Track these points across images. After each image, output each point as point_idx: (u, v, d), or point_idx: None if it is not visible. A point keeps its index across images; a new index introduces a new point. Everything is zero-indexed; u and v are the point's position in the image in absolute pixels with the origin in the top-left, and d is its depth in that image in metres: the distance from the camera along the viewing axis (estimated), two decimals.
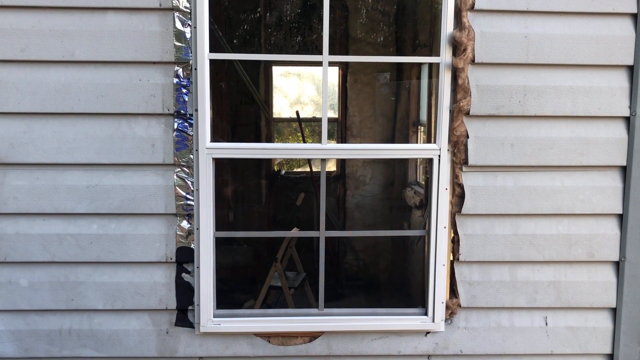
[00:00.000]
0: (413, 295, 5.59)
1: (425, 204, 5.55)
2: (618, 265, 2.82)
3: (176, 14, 2.60)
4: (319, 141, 2.65)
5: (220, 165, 3.94)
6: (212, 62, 2.64)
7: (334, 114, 8.59)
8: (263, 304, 4.86)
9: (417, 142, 6.54)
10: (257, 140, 7.30)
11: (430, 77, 5.77)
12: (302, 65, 7.78)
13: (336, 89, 8.36)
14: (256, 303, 4.78)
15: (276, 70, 7.58)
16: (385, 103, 7.25)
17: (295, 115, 7.43)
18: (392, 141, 7.16)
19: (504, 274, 2.81)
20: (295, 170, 7.51)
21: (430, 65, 5.68)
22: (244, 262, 6.29)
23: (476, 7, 2.62)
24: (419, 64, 6.39)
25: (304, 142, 7.18)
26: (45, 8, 2.58)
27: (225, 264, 5.97)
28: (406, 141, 6.82)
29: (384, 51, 7.12)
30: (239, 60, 6.09)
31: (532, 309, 2.84)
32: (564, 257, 2.80)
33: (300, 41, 7.22)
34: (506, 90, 2.68)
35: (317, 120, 8.86)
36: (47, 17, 2.59)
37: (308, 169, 6.82)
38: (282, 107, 8.92)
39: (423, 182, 6.11)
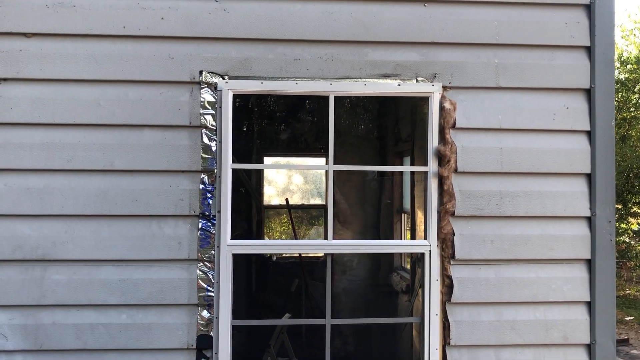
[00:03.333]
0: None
1: (411, 289, 5.89)
2: (590, 348, 3.18)
3: (204, 130, 3.04)
4: (307, 226, 3.04)
5: None
6: None
7: (320, 201, 9.04)
8: None
9: (401, 229, 6.96)
10: (249, 225, 7.63)
11: (412, 164, 6.22)
12: (292, 156, 8.27)
13: (323, 177, 8.83)
14: None
15: (267, 160, 8.03)
16: (370, 192, 7.67)
17: (284, 202, 7.84)
18: (377, 228, 7.55)
19: (490, 357, 3.15)
20: (285, 255, 7.83)
21: (412, 156, 6.20)
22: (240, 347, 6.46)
23: (457, 125, 3.12)
24: (401, 156, 6.92)
25: (293, 228, 7.54)
26: (91, 125, 3.01)
27: None
28: (391, 228, 7.22)
29: (367, 143, 7.64)
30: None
31: None
32: (542, 340, 3.16)
33: (291, 133, 7.73)
34: (485, 195, 3.13)
35: (305, 208, 9.31)
36: (91, 133, 3.01)
37: (297, 255, 7.13)
38: (271, 195, 9.35)
39: (409, 267, 6.47)
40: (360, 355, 6.92)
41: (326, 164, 3.06)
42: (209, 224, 3.04)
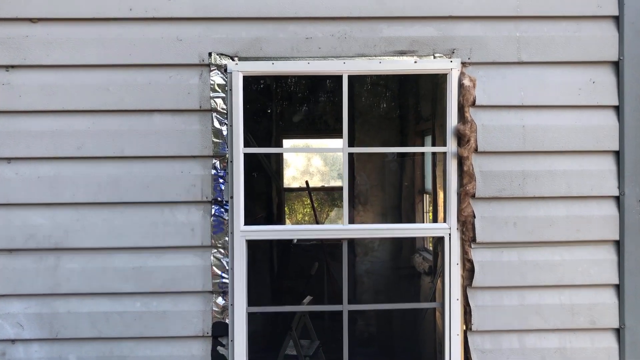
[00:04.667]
0: (422, 344, 5.73)
1: (434, 270, 5.79)
2: (619, 332, 3.06)
3: (214, 114, 2.96)
4: (328, 209, 2.96)
5: None
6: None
7: (341, 182, 8.93)
8: None
9: (423, 210, 6.84)
10: (269, 208, 7.59)
11: (433, 144, 6.08)
12: (310, 137, 8.19)
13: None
14: None
15: (286, 142, 7.96)
16: (391, 172, 7.55)
17: (304, 185, 7.77)
18: (399, 209, 7.44)
19: (513, 342, 3.05)
20: (306, 238, 7.77)
21: (434, 134, 6.06)
22: (262, 329, 6.46)
23: (477, 103, 2.98)
24: (422, 135, 6.78)
25: (314, 210, 7.47)
26: (100, 111, 2.95)
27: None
28: (412, 209, 7.11)
29: (388, 123, 7.50)
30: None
31: None
32: (567, 325, 3.04)
33: (310, 114, 7.62)
34: (507, 175, 3.01)
35: (325, 190, 9.22)
36: (100, 119, 2.95)
37: (319, 238, 7.07)
38: (291, 177, 9.29)
39: (431, 248, 6.36)
40: (383, 337, 6.88)
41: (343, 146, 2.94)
42: (222, 209, 2.98)
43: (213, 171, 2.97)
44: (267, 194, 7.58)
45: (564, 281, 3.04)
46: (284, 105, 7.59)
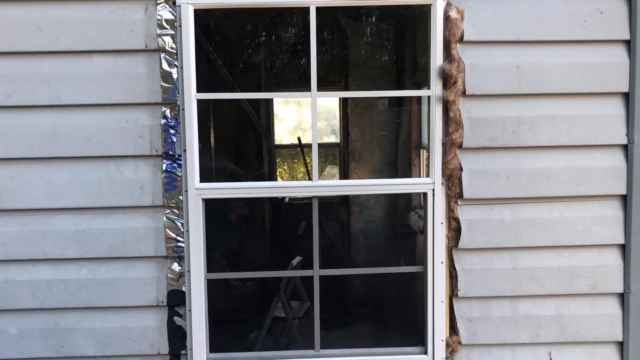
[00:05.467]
0: (419, 324, 5.48)
1: None
2: (623, 297, 2.73)
3: (162, 55, 2.58)
4: (325, 165, 2.60)
5: None
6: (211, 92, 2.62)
7: (335, 138, 8.57)
8: (268, 334, 4.79)
9: (420, 165, 6.49)
10: (261, 165, 7.27)
11: (429, 105, 5.71)
12: (303, 89, 7.77)
13: (337, 113, 8.35)
14: (260, 335, 4.70)
15: (277, 98, 7.57)
16: (387, 127, 7.20)
17: (297, 142, 7.41)
18: (395, 165, 7.11)
19: (504, 309, 2.73)
20: (298, 196, 7.46)
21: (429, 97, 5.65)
22: (249, 291, 6.23)
23: (465, 38, 2.58)
24: (420, 87, 6.37)
25: (307, 168, 7.14)
26: (31, 53, 2.57)
27: (231, 294, 5.92)
28: (409, 164, 6.77)
29: (383, 75, 7.10)
30: (235, 96, 6.07)
31: (536, 345, 2.75)
32: (565, 290, 2.71)
33: (302, 65, 7.20)
34: (499, 122, 2.63)
35: (320, 146, 8.84)
36: (33, 62, 2.57)
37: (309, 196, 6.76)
38: (283, 134, 8.91)
39: None
40: (377, 297, 6.63)
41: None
42: (175, 165, 2.62)
43: (163, 121, 2.61)
44: (257, 152, 7.24)
45: (562, 241, 2.69)
46: (271, 57, 7.15)
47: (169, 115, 2.60)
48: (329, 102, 8.86)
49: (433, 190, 2.65)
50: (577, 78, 2.61)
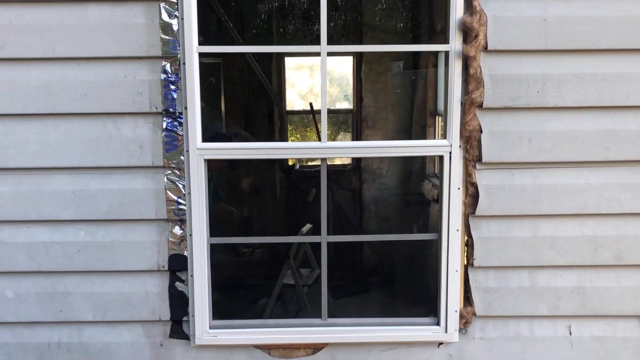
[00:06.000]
0: (432, 294, 5.36)
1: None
2: None
3: (162, 4, 2.41)
4: (337, 132, 2.44)
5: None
6: (221, 55, 2.45)
7: (348, 104, 8.37)
8: (277, 301, 4.72)
9: (435, 133, 6.31)
10: (271, 132, 7.12)
11: (446, 64, 5.50)
12: (314, 56, 7.57)
13: (350, 79, 8.14)
14: (269, 302, 4.62)
15: (288, 62, 7.37)
16: (401, 93, 7.01)
17: (308, 108, 7.23)
18: (409, 132, 6.92)
19: (523, 280, 2.58)
20: (310, 163, 7.30)
21: (447, 52, 5.43)
22: (259, 258, 6.15)
23: None
24: (436, 52, 6.13)
25: (318, 135, 6.97)
26: (23, 2, 2.41)
27: (240, 261, 5.84)
28: (423, 132, 6.58)
29: (399, 39, 6.86)
30: (248, 52, 5.88)
31: (555, 317, 2.61)
32: (588, 261, 2.56)
33: (315, 29, 6.99)
34: (523, 80, 2.44)
35: (332, 112, 8.65)
36: (25, 12, 2.42)
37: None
38: (294, 101, 8.72)
39: None
40: (390, 264, 6.52)
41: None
42: (175, 123, 2.48)
43: (163, 76, 2.45)
44: (268, 118, 7.08)
45: (587, 209, 2.52)
46: (283, 21, 6.92)
47: (169, 70, 2.44)
48: (342, 68, 8.63)
49: (450, 153, 2.48)
50: (609, 33, 2.40)
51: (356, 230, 6.33)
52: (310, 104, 7.16)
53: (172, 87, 2.45)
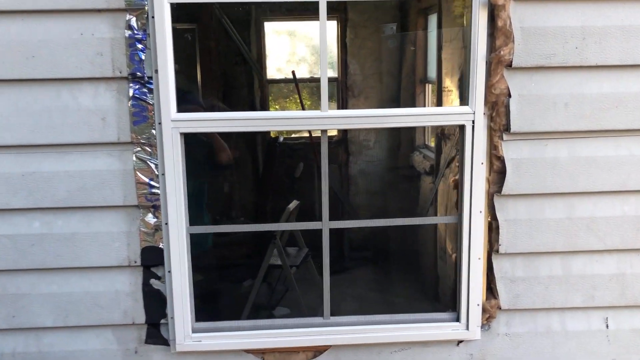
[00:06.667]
0: (423, 267, 5.07)
1: (435, 169, 5.00)
2: None
3: None
4: (319, 104, 2.04)
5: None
6: (197, 20, 2.02)
7: (333, 72, 7.94)
8: (264, 282, 4.40)
9: (424, 103, 5.94)
10: (252, 103, 6.70)
11: (439, 26, 5.12)
12: (296, 19, 7.12)
13: (334, 45, 7.71)
14: (255, 283, 4.29)
15: (268, 27, 6.90)
16: (389, 59, 6.63)
17: (291, 76, 6.81)
18: (397, 101, 6.56)
19: (554, 268, 2.24)
20: (294, 135, 6.91)
21: (440, 12, 5.03)
22: (242, 236, 5.79)
23: None
24: (425, 14, 5.73)
25: (302, 104, 6.57)
26: None
27: (222, 240, 5.46)
28: (413, 101, 6.22)
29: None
30: (226, 8, 5.40)
31: (590, 309, 2.29)
32: (630, 244, 2.22)
33: None
34: (559, 33, 2.05)
35: (316, 81, 8.21)
36: None
37: (307, 135, 6.25)
38: (275, 68, 8.26)
39: (433, 145, 5.54)
40: (378, 239, 6.22)
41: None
42: (144, 89, 2.05)
43: (127, 32, 2.01)
44: (248, 88, 6.64)
45: (629, 185, 2.18)
46: None
47: (135, 25, 2.00)
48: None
49: (473, 122, 2.10)
50: None
51: (344, 205, 6.00)
52: (293, 72, 6.72)
53: (139, 46, 2.02)
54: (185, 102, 2.26)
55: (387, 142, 6.79)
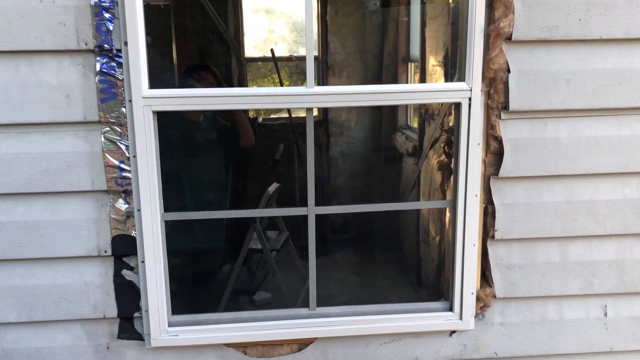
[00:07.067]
0: (405, 250, 4.98)
1: (418, 150, 4.89)
2: None
3: None
4: (298, 82, 1.87)
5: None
6: None
7: (314, 51, 7.73)
8: (243, 266, 4.25)
9: (407, 81, 5.79)
10: (230, 82, 6.49)
11: (423, 2, 4.96)
12: None
13: (314, 23, 7.50)
14: (234, 268, 4.14)
15: (246, 3, 6.67)
16: (371, 37, 6.45)
17: (270, 54, 6.60)
18: (379, 80, 6.41)
19: (552, 254, 2.13)
20: (273, 116, 6.71)
21: None
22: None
23: None
24: None
25: (281, 84, 6.38)
26: None
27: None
28: (395, 80, 6.07)
29: None
30: None
31: (588, 297, 2.19)
32: (631, 229, 2.12)
33: None
34: (562, 4, 1.92)
35: (297, 60, 8.00)
36: None
37: (287, 115, 6.06)
38: (253, 46, 8.02)
39: (415, 126, 5.41)
40: (359, 221, 6.10)
41: None
42: (113, 64, 1.87)
43: (93, 0, 1.82)
44: (225, 65, 6.41)
45: (632, 166, 2.07)
46: None
47: None
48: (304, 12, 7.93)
49: (469, 99, 1.96)
50: None
51: (324, 187, 5.86)
52: (272, 50, 6.51)
53: (107, 15, 1.83)
54: (160, 84, 2.08)
55: (368, 123, 6.65)
